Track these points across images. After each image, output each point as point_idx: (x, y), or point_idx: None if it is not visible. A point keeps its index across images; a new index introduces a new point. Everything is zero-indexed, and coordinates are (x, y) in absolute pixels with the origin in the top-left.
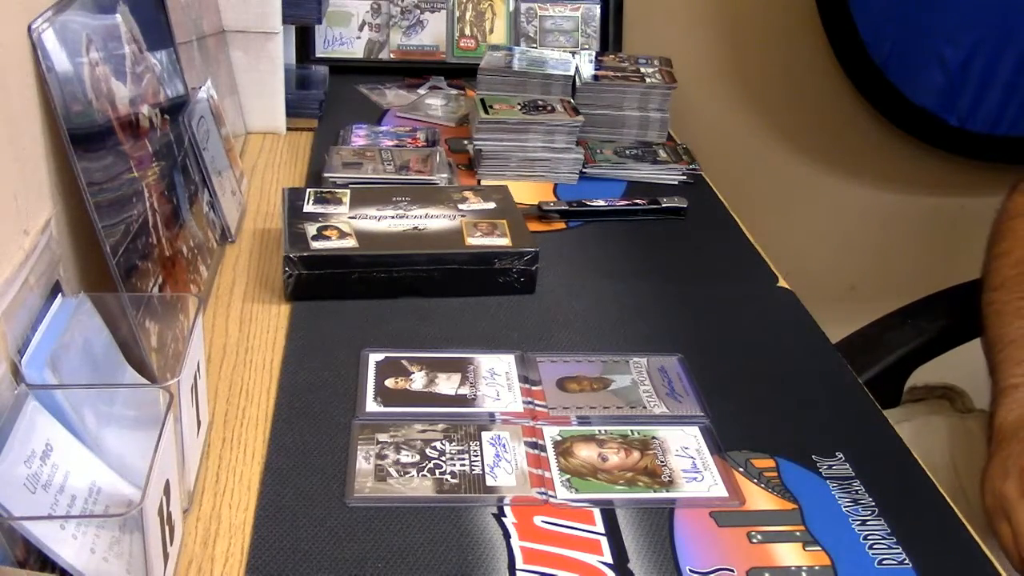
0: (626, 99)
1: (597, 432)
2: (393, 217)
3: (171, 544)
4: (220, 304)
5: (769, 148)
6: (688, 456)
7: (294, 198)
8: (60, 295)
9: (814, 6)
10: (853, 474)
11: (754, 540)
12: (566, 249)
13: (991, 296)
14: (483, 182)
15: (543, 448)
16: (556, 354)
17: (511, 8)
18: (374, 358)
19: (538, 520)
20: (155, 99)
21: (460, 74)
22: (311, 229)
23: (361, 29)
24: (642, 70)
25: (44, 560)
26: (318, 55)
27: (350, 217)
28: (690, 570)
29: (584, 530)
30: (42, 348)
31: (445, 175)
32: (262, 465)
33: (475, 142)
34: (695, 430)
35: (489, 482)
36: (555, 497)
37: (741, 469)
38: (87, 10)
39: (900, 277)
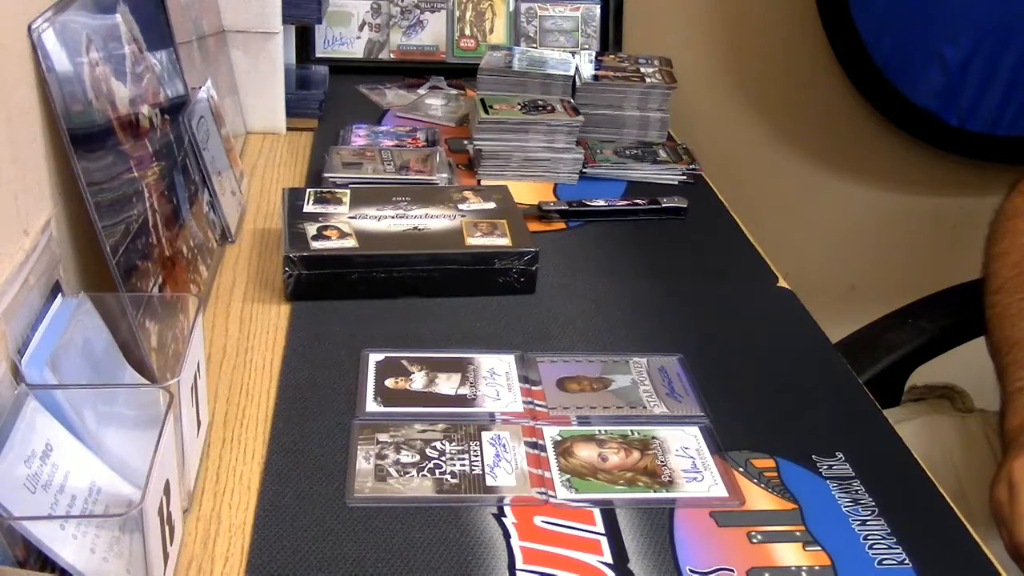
0: (626, 99)
1: (597, 432)
2: (393, 217)
3: (171, 544)
4: (220, 304)
5: (769, 148)
6: (688, 456)
7: (294, 198)
8: (60, 295)
9: (814, 6)
10: (853, 474)
11: (754, 540)
12: (566, 249)
13: (992, 299)
14: (483, 182)
15: (543, 448)
16: (556, 354)
17: (511, 8)
18: (374, 358)
19: (538, 520)
20: (155, 99)
21: (460, 74)
22: (311, 229)
23: (361, 29)
24: (642, 70)
25: (44, 560)
26: (318, 55)
27: (350, 217)
28: (690, 570)
29: (584, 530)
30: (42, 348)
31: (445, 175)
32: (262, 465)
33: (475, 142)
34: (695, 430)
35: (489, 482)
36: (555, 497)
37: (741, 469)
38: (87, 10)
39: (900, 277)
